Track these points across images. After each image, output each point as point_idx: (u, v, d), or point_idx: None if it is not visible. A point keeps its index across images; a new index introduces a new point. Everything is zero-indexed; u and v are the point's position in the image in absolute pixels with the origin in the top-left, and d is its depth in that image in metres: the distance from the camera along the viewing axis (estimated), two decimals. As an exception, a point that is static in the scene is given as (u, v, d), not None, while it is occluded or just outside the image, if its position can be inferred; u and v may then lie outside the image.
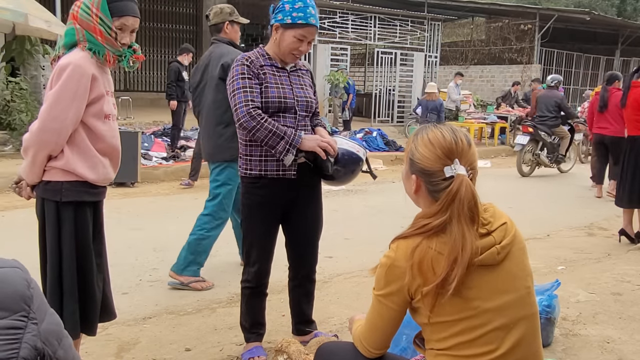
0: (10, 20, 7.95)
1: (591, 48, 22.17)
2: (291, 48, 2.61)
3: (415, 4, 17.93)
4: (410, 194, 1.65)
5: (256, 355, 2.83)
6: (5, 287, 0.93)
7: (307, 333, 3.02)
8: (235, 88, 2.57)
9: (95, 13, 2.26)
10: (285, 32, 2.59)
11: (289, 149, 2.52)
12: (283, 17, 2.58)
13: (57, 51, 2.35)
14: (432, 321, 1.54)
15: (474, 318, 1.51)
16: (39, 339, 0.93)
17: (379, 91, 15.64)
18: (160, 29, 16.94)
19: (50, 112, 2.20)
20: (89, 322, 2.39)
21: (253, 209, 2.71)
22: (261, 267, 2.79)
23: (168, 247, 4.87)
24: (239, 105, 2.53)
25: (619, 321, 3.48)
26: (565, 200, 7.79)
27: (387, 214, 6.35)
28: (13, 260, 1.01)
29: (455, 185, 1.50)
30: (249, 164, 2.67)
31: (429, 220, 1.52)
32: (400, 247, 1.55)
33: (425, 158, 1.55)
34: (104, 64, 2.35)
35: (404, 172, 1.66)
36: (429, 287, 1.48)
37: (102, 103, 2.32)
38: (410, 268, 1.50)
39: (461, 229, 1.48)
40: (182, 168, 8.12)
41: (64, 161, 2.26)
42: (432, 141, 1.56)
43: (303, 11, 2.55)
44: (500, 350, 1.51)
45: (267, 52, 2.71)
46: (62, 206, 2.28)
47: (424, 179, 1.57)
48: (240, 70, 2.60)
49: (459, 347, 1.52)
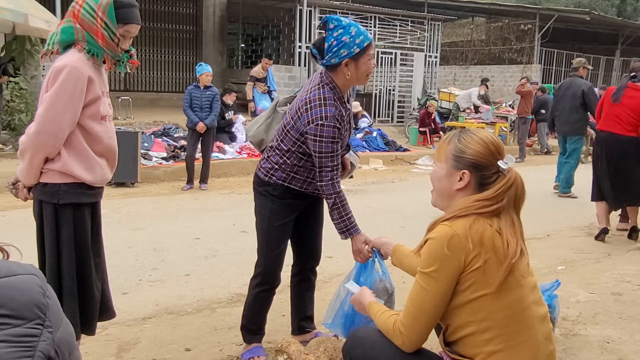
0: (10, 20, 7.95)
1: (591, 48, 22.16)
2: (368, 70, 2.56)
3: (415, 4, 17.93)
4: (448, 190, 1.78)
5: (256, 355, 2.84)
6: (20, 295, 0.92)
7: (308, 331, 3.04)
8: (324, 152, 2.51)
9: (101, 17, 2.25)
10: (359, 61, 2.51)
11: (345, 233, 2.64)
12: (350, 51, 2.48)
13: (49, 46, 2.31)
14: (473, 296, 1.65)
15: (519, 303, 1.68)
16: (52, 348, 0.92)
17: (379, 91, 15.64)
18: (160, 29, 16.91)
19: (46, 115, 2.19)
20: (89, 322, 2.40)
21: (282, 205, 2.70)
22: (277, 269, 2.80)
23: (168, 247, 4.87)
24: (325, 169, 2.54)
25: (619, 321, 3.48)
26: (565, 201, 7.79)
27: (387, 214, 6.35)
28: (30, 266, 0.99)
29: (512, 175, 1.73)
30: (290, 179, 2.66)
31: (486, 203, 1.69)
32: (458, 223, 1.67)
33: (480, 154, 1.73)
34: (100, 66, 2.35)
35: (444, 171, 1.79)
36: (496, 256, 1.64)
37: (98, 105, 2.31)
38: (470, 238, 1.64)
39: (511, 216, 1.72)
40: (182, 168, 8.12)
41: (62, 163, 2.25)
42: (484, 140, 1.75)
43: (362, 33, 2.49)
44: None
45: (337, 85, 2.59)
46: (60, 208, 2.27)
47: (475, 173, 1.74)
48: (332, 134, 2.50)
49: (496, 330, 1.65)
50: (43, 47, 8.68)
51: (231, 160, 9.18)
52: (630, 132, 5.24)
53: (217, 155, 9.00)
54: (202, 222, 5.81)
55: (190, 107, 7.50)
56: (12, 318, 0.89)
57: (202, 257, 4.67)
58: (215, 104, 7.62)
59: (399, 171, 10.29)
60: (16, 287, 0.93)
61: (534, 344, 1.68)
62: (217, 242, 5.07)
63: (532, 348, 1.68)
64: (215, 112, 7.64)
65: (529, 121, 12.59)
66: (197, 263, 4.50)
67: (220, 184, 8.16)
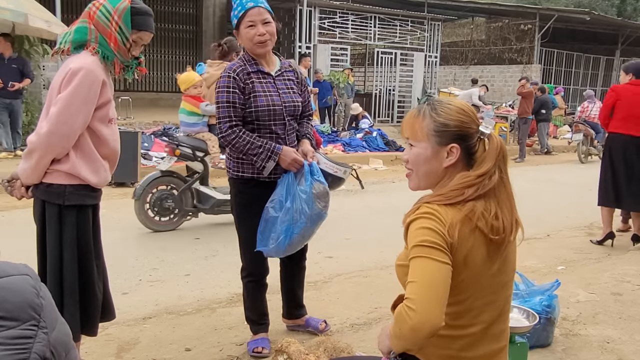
0: (10, 20, 7.95)
1: (591, 48, 22.17)
2: (250, 39, 2.70)
3: (415, 4, 17.93)
4: (436, 170, 1.62)
5: (261, 346, 2.91)
6: (13, 296, 0.91)
7: (299, 317, 3.18)
8: (220, 101, 2.73)
9: (116, 21, 2.26)
10: (240, 32, 2.73)
11: (271, 156, 2.70)
12: (232, 22, 2.77)
13: (61, 44, 2.32)
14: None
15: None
16: (48, 349, 0.91)
17: (379, 91, 15.64)
18: (160, 29, 16.90)
19: (59, 117, 2.19)
20: (90, 323, 2.39)
21: (245, 207, 2.85)
22: (259, 261, 2.90)
23: (168, 247, 4.87)
24: (223, 120, 2.72)
25: (619, 321, 3.48)
26: (565, 200, 7.79)
27: (387, 214, 6.35)
28: (23, 266, 0.98)
29: (495, 140, 1.60)
30: (240, 167, 2.82)
31: (482, 181, 1.54)
32: (449, 212, 1.52)
33: (465, 123, 1.60)
34: (109, 70, 2.36)
35: (428, 150, 1.61)
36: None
37: (108, 108, 2.34)
38: (457, 232, 1.50)
39: (505, 184, 1.59)
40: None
41: (70, 165, 2.25)
42: (463, 108, 1.63)
43: (239, 5, 2.70)
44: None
45: (250, 55, 2.80)
46: (64, 209, 2.27)
47: (463, 145, 1.60)
48: (226, 83, 2.72)
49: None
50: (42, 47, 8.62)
51: (231, 160, 9.17)
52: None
53: (217, 155, 8.99)
54: (202, 222, 5.81)
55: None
56: (5, 320, 0.88)
57: (202, 257, 4.67)
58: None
59: (399, 171, 10.28)
60: (8, 288, 0.91)
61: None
62: (217, 242, 5.07)
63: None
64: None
65: (529, 121, 12.59)
66: (197, 263, 4.50)
67: (220, 184, 8.15)
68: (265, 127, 2.75)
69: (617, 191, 5.22)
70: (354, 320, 3.41)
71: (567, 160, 12.49)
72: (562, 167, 11.52)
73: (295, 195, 2.69)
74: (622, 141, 5.22)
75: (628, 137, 5.18)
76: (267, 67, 2.81)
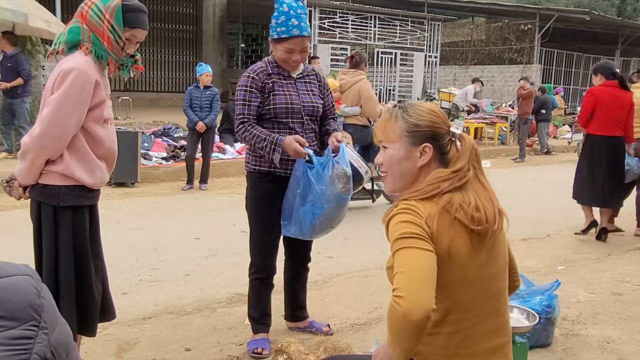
0: (10, 20, 7.95)
1: (591, 48, 22.15)
2: (283, 60, 2.81)
3: (415, 4, 17.93)
4: (411, 170, 1.65)
5: (261, 347, 2.91)
6: (14, 296, 0.90)
7: (302, 319, 3.19)
8: (238, 99, 2.83)
9: (108, 19, 2.24)
10: (276, 46, 2.80)
11: (275, 148, 2.73)
12: (271, 33, 2.80)
13: (56, 45, 2.31)
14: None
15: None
16: (48, 349, 0.91)
17: (379, 91, 15.63)
18: (160, 29, 16.92)
19: (52, 118, 2.18)
20: (89, 324, 2.39)
21: (260, 200, 2.89)
22: (268, 258, 2.94)
23: (168, 247, 4.87)
24: (237, 117, 2.82)
25: (619, 321, 3.48)
26: (565, 200, 7.78)
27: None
28: (24, 266, 0.98)
29: (467, 140, 1.65)
30: (257, 161, 2.87)
31: (457, 174, 1.58)
32: (427, 206, 1.56)
33: (435, 123, 1.65)
34: (104, 69, 2.35)
35: (402, 151, 1.65)
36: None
37: (102, 108, 2.32)
38: (435, 224, 1.53)
39: (479, 177, 1.63)
40: (182, 168, 8.11)
41: (64, 166, 2.24)
42: (433, 109, 1.68)
43: (285, 25, 2.73)
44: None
45: (276, 61, 2.88)
46: (59, 210, 2.27)
47: (435, 145, 1.64)
48: (244, 82, 2.82)
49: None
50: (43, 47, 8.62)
51: (231, 160, 9.17)
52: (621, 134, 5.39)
53: (217, 155, 8.99)
54: (202, 222, 5.81)
55: (190, 107, 7.50)
56: (6, 320, 0.87)
57: (202, 257, 4.67)
58: (215, 104, 7.62)
59: (399, 171, 10.28)
60: (10, 288, 0.91)
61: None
62: (217, 242, 5.07)
63: None
64: (215, 112, 7.63)
65: (529, 121, 12.58)
66: (197, 263, 4.50)
67: (221, 184, 8.16)
68: (283, 124, 2.83)
69: (594, 189, 5.44)
70: (354, 320, 3.41)
71: (567, 160, 12.48)
72: (562, 167, 11.50)
73: (311, 178, 2.72)
74: (605, 142, 5.45)
75: (609, 139, 5.41)
76: (290, 72, 2.89)
